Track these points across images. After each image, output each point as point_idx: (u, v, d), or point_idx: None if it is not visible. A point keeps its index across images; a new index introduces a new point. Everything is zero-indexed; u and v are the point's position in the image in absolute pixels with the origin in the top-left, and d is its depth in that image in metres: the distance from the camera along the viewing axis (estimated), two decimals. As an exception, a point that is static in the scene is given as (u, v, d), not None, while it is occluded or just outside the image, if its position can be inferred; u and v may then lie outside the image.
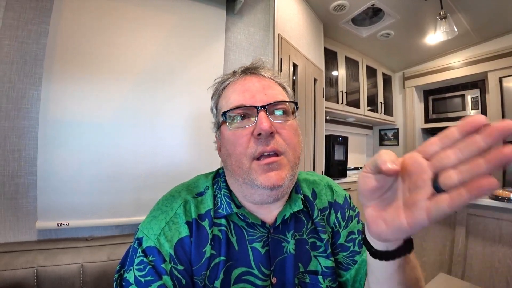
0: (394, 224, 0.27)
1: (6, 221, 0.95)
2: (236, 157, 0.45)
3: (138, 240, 0.44)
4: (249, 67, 0.52)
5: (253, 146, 0.44)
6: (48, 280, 0.82)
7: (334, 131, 3.03)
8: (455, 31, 1.98)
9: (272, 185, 0.43)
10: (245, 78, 0.49)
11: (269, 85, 0.49)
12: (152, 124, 1.16)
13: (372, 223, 0.29)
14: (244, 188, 0.46)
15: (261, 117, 0.43)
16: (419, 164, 0.26)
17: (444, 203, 0.22)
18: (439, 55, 3.00)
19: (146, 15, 1.18)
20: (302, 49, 1.95)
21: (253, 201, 0.47)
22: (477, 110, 2.81)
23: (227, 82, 0.51)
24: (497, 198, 1.35)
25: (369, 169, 0.29)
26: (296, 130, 0.48)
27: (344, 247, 0.53)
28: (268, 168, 0.43)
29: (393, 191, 0.29)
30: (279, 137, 0.45)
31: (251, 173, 0.44)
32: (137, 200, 1.12)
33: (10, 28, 0.97)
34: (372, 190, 0.29)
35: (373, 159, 0.29)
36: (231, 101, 0.47)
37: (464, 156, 0.22)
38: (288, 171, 0.44)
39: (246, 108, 0.45)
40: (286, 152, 0.45)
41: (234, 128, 0.45)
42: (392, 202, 0.28)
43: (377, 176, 0.29)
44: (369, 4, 2.06)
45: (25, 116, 0.98)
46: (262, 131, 0.42)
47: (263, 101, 0.45)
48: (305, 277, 0.50)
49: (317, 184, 0.59)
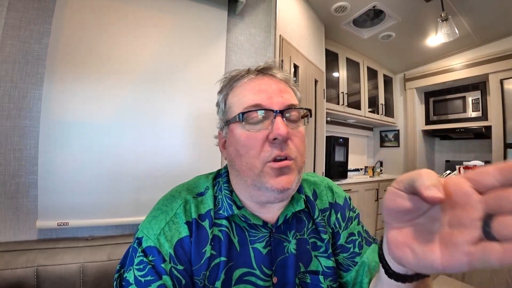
0: (424, 258, 0.23)
1: (6, 220, 0.95)
2: (248, 159, 0.44)
3: (138, 240, 0.44)
4: (266, 67, 0.50)
5: (268, 150, 0.43)
6: (48, 279, 0.82)
7: (335, 132, 3.03)
8: (456, 33, 1.98)
9: (282, 188, 0.43)
10: (262, 78, 0.48)
11: (285, 88, 0.49)
12: (153, 124, 1.17)
13: (396, 248, 0.25)
14: (251, 189, 0.46)
15: (278, 122, 0.43)
16: (467, 197, 0.21)
17: (494, 255, 0.18)
18: (440, 57, 3.00)
19: (148, 16, 1.18)
20: (303, 50, 1.95)
21: (258, 201, 0.47)
22: (478, 112, 2.80)
23: (241, 79, 0.49)
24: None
25: (402, 186, 0.25)
26: (304, 136, 0.49)
27: (344, 248, 0.54)
28: (280, 172, 0.44)
29: (428, 218, 0.24)
30: (291, 143, 0.45)
31: (263, 176, 0.44)
32: (137, 200, 1.12)
33: (12, 28, 0.97)
34: (402, 212, 0.25)
35: (410, 176, 0.24)
36: (245, 100, 0.46)
37: None
38: (296, 175, 0.45)
39: (264, 111, 0.45)
40: (296, 157, 0.45)
41: (249, 130, 0.45)
42: (426, 231, 0.24)
43: (411, 197, 0.24)
44: (370, 6, 2.06)
45: (26, 115, 0.99)
46: (279, 136, 0.42)
47: (280, 104, 0.45)
48: (306, 277, 0.50)
49: (317, 185, 0.59)
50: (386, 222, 0.27)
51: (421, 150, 3.31)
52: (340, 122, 3.21)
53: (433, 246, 0.23)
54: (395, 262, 0.27)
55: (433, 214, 0.24)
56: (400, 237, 0.25)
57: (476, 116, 2.82)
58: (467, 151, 3.17)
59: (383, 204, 0.27)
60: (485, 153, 2.86)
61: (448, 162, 3.29)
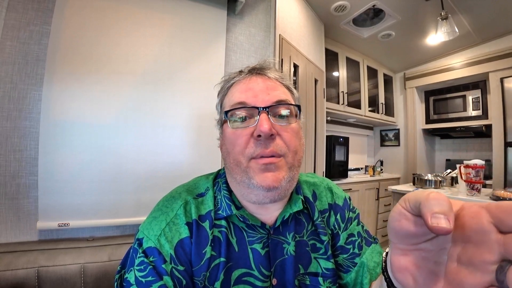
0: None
1: (7, 221, 0.95)
2: (234, 156, 0.45)
3: (139, 241, 0.44)
4: (256, 67, 0.51)
5: (252, 147, 0.43)
6: (49, 280, 0.82)
7: (335, 131, 3.03)
8: (456, 32, 1.98)
9: (267, 186, 0.42)
10: (251, 77, 0.49)
11: (274, 86, 0.48)
12: (153, 125, 1.17)
13: (398, 272, 0.24)
14: (241, 186, 0.46)
15: (262, 118, 0.43)
16: (484, 234, 0.18)
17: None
18: (440, 56, 3.00)
19: (147, 16, 1.18)
20: (303, 50, 1.95)
21: (250, 201, 0.47)
22: (478, 110, 2.80)
23: (233, 81, 0.51)
24: (499, 199, 1.35)
25: (408, 206, 0.22)
26: (298, 133, 0.47)
27: (344, 249, 0.53)
28: (265, 169, 0.43)
29: (436, 245, 0.22)
30: (279, 140, 0.44)
31: (249, 172, 0.44)
32: (137, 201, 1.12)
33: (12, 28, 0.97)
34: (407, 235, 0.23)
35: (418, 197, 0.21)
36: (233, 99, 0.47)
37: None
38: (286, 172, 0.44)
39: (248, 109, 0.45)
40: (285, 154, 0.44)
41: (235, 128, 0.45)
42: (432, 261, 0.22)
43: (417, 220, 0.22)
44: (370, 5, 2.06)
45: (26, 116, 0.99)
46: (261, 133, 0.42)
47: (266, 101, 0.45)
48: (305, 278, 0.50)
49: (317, 186, 0.59)
50: (391, 241, 0.25)
51: (421, 149, 3.31)
52: (340, 122, 3.21)
53: (437, 280, 0.21)
54: (397, 282, 0.26)
55: (442, 242, 0.21)
56: (404, 262, 0.24)
57: (476, 114, 2.82)
58: (468, 149, 3.17)
59: (388, 223, 0.25)
60: (486, 152, 2.86)
61: (449, 161, 3.28)
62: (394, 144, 3.60)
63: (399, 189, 1.89)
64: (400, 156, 3.49)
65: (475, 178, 1.51)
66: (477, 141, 3.06)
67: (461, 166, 1.56)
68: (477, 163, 1.49)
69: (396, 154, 3.55)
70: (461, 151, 3.24)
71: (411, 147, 3.31)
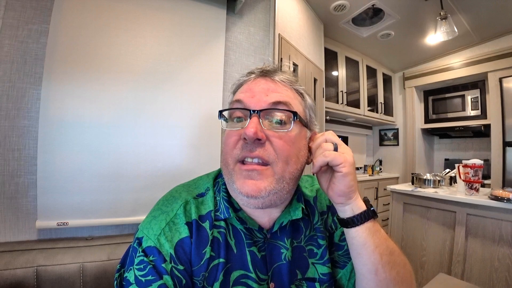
0: None
1: (6, 221, 0.95)
2: (224, 156, 0.46)
3: (138, 240, 0.44)
4: (265, 69, 0.50)
5: (238, 148, 0.43)
6: (48, 279, 0.82)
7: (334, 131, 3.00)
8: (455, 32, 1.98)
9: (246, 193, 0.41)
10: (256, 79, 0.48)
11: (276, 88, 0.46)
12: (152, 124, 1.16)
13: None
14: (230, 188, 0.46)
15: (251, 121, 0.41)
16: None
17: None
18: (439, 56, 3.01)
19: (146, 15, 1.18)
20: (302, 49, 1.95)
21: (239, 203, 0.47)
22: (477, 110, 2.81)
23: (242, 81, 0.50)
24: (497, 198, 1.35)
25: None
26: (293, 141, 0.44)
27: (339, 246, 0.54)
28: (247, 175, 0.42)
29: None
30: (269, 146, 0.42)
31: (234, 174, 0.43)
32: (136, 200, 1.12)
33: (10, 27, 0.97)
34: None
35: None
36: (231, 99, 0.49)
37: None
38: (271, 183, 0.42)
39: (242, 110, 0.45)
40: (274, 162, 0.42)
41: (229, 128, 0.46)
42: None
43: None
44: (369, 5, 2.06)
45: (25, 115, 0.98)
46: (246, 136, 0.40)
47: (262, 102, 0.44)
48: (302, 284, 0.50)
49: (317, 186, 0.60)
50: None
51: (420, 149, 3.31)
52: (340, 121, 3.21)
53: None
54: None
55: None
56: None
57: (475, 114, 2.82)
58: (466, 149, 3.18)
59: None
60: (484, 151, 2.87)
61: (447, 160, 3.29)
62: (393, 144, 3.60)
63: (398, 188, 1.89)
64: (399, 155, 3.50)
65: (473, 178, 1.52)
66: (475, 141, 3.07)
67: (460, 165, 1.57)
68: (475, 162, 1.50)
69: (395, 154, 3.55)
70: (459, 151, 3.25)
71: (410, 146, 3.32)
